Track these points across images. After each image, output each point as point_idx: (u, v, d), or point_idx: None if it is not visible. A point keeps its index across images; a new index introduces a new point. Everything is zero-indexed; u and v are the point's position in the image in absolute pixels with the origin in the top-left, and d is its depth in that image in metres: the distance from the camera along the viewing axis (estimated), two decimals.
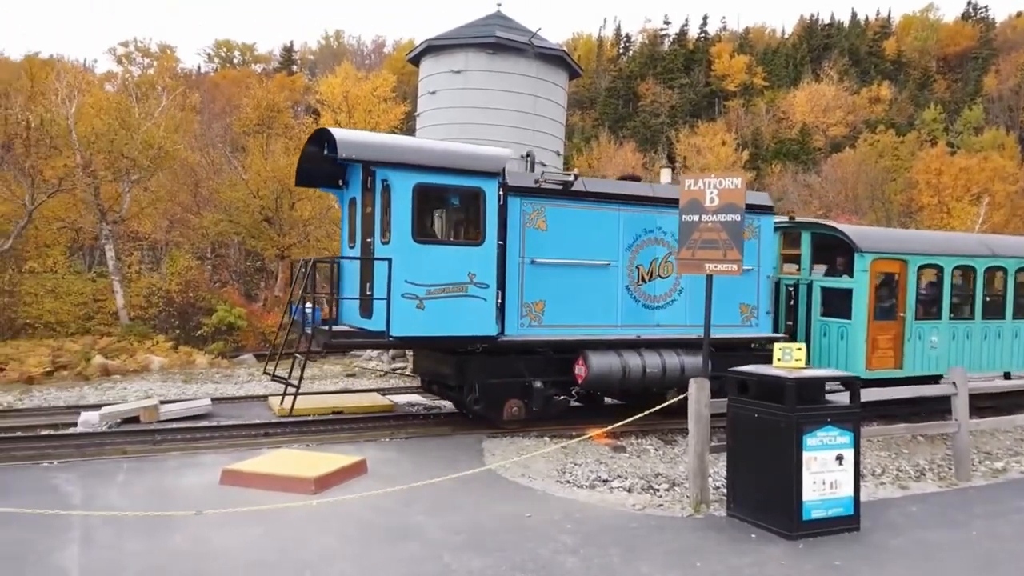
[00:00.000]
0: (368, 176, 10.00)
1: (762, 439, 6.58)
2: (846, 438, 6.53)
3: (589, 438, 9.91)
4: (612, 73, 77.69)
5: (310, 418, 10.76)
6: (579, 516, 6.86)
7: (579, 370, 10.38)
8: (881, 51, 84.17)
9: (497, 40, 19.53)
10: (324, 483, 7.39)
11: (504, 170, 10.08)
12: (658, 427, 10.68)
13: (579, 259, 10.54)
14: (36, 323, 19.53)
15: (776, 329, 12.28)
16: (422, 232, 9.65)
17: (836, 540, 6.34)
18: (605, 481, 8.42)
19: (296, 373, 10.24)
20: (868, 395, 7.53)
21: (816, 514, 6.38)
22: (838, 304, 12.10)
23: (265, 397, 12.80)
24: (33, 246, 22.30)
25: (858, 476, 6.65)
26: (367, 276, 10.01)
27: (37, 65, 29.41)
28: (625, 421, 8.89)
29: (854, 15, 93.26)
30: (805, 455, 6.33)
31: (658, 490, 8.09)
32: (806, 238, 12.86)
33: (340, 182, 11.24)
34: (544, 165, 20.32)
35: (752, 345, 11.97)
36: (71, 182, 20.41)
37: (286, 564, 5.58)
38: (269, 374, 11.20)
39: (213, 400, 12.09)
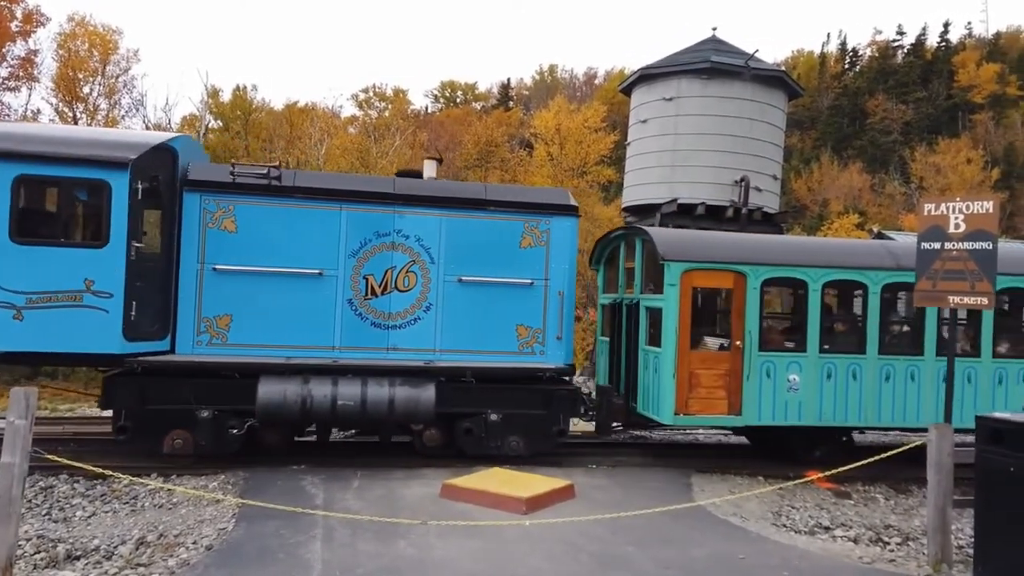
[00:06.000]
0: None
1: (1019, 496, 5.78)
2: None
3: (809, 481, 9.31)
4: (836, 90, 72.83)
5: None
6: (798, 564, 6.45)
7: None
8: None
9: (712, 65, 19.22)
10: (535, 504, 7.60)
11: (154, 159, 8.70)
12: (890, 474, 9.74)
13: (279, 266, 9.14)
14: None
15: (570, 359, 9.97)
16: (25, 230, 8.28)
17: None
18: (827, 528, 7.86)
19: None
20: None
21: None
22: (658, 329, 9.63)
23: None
24: None
25: None
26: None
27: (295, 113, 33.70)
28: (851, 466, 8.23)
29: None
30: None
31: (889, 543, 7.41)
32: (639, 247, 10.61)
33: None
34: (759, 190, 19.55)
35: (542, 377, 9.65)
36: None
37: None
38: None
39: None
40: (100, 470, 7.35)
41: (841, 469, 8.14)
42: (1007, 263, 9.24)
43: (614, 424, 10.73)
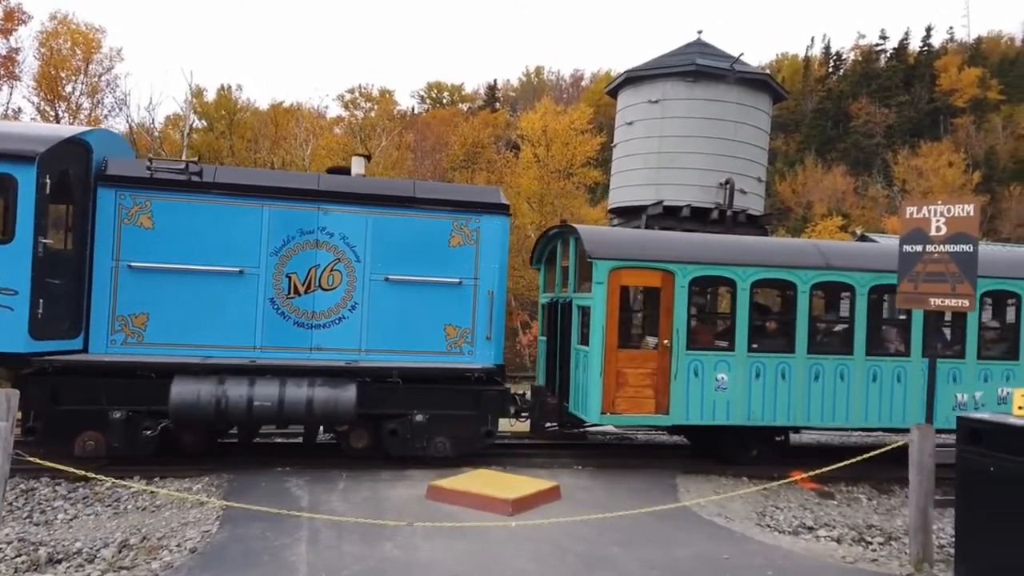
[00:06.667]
0: None
1: (999, 496, 5.86)
2: None
3: (793, 482, 9.38)
4: (820, 93, 73.45)
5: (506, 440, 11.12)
6: (782, 563, 6.50)
7: None
8: None
9: (697, 68, 19.34)
10: (520, 505, 7.61)
11: (65, 152, 8.45)
12: (872, 475, 9.82)
13: (198, 264, 8.95)
14: None
15: (499, 359, 9.76)
16: None
17: None
18: (810, 528, 7.92)
19: None
20: None
21: None
22: (587, 328, 9.53)
23: None
24: None
25: None
26: None
27: (281, 113, 33.55)
28: (834, 466, 8.30)
29: None
30: None
31: (871, 543, 7.47)
32: (572, 246, 10.51)
33: None
34: (744, 192, 19.68)
35: (471, 377, 9.39)
36: None
37: None
38: None
39: None
40: (82, 472, 7.29)
41: (824, 469, 8.21)
42: None
43: (548, 424, 10.71)
